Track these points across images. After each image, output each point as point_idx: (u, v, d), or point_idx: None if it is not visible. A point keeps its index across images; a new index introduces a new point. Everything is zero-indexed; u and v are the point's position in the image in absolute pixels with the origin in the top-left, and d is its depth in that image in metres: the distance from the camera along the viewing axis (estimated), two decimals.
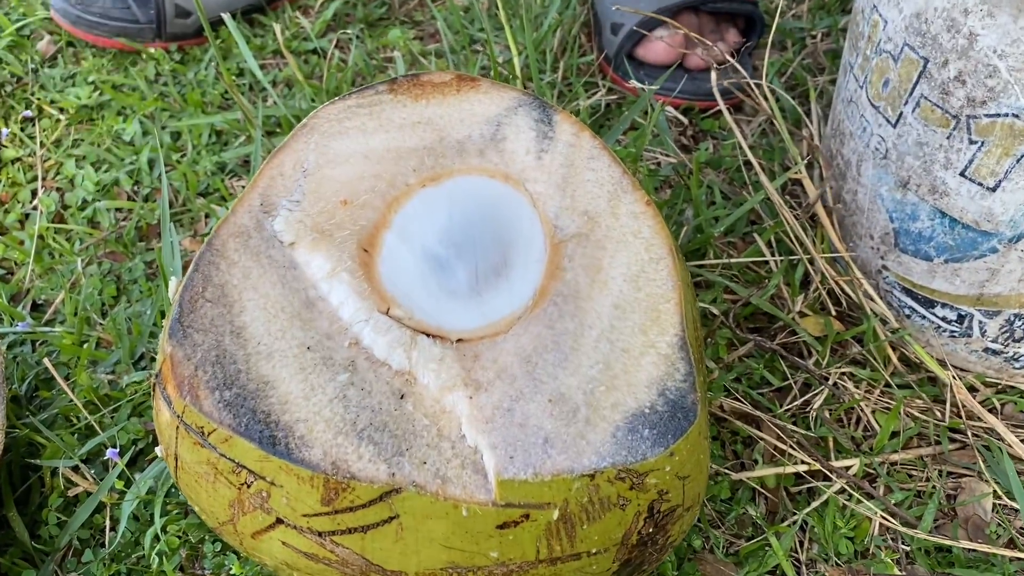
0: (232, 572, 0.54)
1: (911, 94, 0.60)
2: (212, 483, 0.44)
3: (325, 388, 0.44)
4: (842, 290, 0.69)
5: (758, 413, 0.63)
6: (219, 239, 0.49)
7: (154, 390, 0.47)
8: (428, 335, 0.46)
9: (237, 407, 0.43)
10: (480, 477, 0.42)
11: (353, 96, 0.55)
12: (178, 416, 0.44)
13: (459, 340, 0.46)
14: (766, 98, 0.70)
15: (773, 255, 0.71)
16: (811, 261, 0.70)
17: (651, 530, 0.44)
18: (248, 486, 0.43)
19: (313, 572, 0.45)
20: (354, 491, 0.42)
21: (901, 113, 0.61)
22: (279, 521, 0.43)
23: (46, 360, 0.64)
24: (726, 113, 0.67)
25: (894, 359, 0.67)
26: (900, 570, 0.58)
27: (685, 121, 0.86)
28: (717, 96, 0.69)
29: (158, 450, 0.48)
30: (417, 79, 0.56)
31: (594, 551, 0.43)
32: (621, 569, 0.46)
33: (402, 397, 0.44)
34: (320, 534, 0.43)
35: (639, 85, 0.83)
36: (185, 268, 0.69)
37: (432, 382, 0.45)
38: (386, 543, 0.43)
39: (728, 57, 0.70)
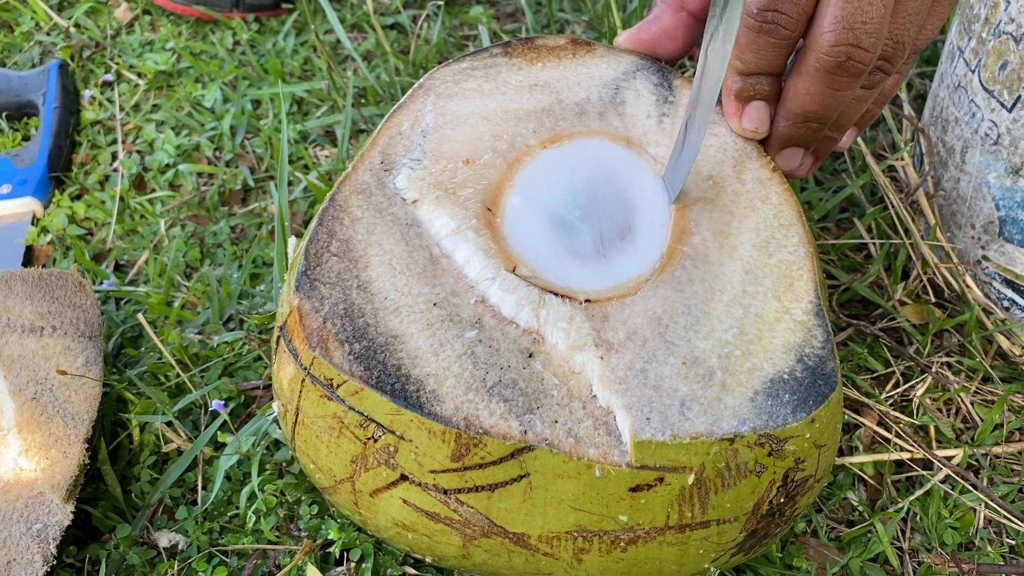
0: (330, 537, 0.53)
1: None
2: (336, 438, 0.44)
3: (453, 344, 0.43)
4: (944, 279, 0.67)
5: (861, 398, 0.62)
6: (341, 195, 0.48)
7: (277, 344, 0.46)
8: (556, 294, 0.45)
9: (368, 360, 0.42)
10: (613, 438, 0.41)
11: (467, 59, 0.55)
12: (305, 369, 0.43)
13: (587, 301, 0.45)
14: None
15: (872, 241, 0.69)
16: (911, 248, 0.68)
17: (782, 500, 0.43)
18: (375, 440, 0.42)
19: (431, 533, 0.44)
20: (485, 447, 0.41)
21: (1019, 96, 0.60)
22: (403, 478, 0.43)
23: (140, 316, 0.63)
24: None
25: (995, 349, 0.66)
26: (1006, 564, 0.57)
27: None
28: None
29: (275, 406, 0.48)
30: (532, 42, 0.55)
31: (724, 520, 0.42)
32: (746, 541, 0.44)
33: (530, 356, 0.43)
34: (446, 492, 0.42)
35: None
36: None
37: (561, 342, 0.44)
38: (513, 503, 0.42)
39: None
